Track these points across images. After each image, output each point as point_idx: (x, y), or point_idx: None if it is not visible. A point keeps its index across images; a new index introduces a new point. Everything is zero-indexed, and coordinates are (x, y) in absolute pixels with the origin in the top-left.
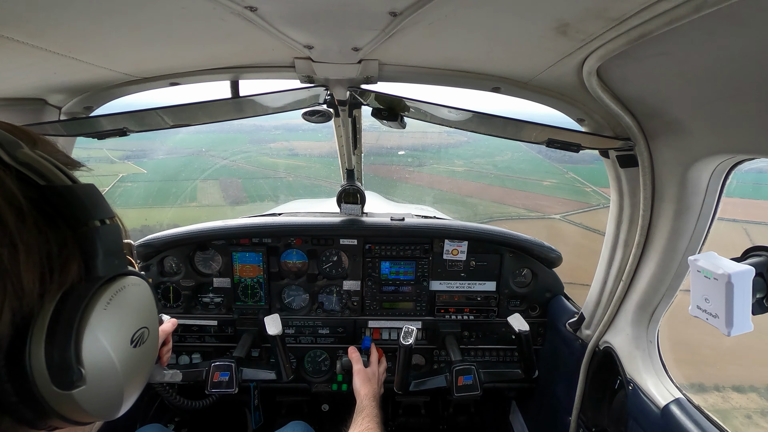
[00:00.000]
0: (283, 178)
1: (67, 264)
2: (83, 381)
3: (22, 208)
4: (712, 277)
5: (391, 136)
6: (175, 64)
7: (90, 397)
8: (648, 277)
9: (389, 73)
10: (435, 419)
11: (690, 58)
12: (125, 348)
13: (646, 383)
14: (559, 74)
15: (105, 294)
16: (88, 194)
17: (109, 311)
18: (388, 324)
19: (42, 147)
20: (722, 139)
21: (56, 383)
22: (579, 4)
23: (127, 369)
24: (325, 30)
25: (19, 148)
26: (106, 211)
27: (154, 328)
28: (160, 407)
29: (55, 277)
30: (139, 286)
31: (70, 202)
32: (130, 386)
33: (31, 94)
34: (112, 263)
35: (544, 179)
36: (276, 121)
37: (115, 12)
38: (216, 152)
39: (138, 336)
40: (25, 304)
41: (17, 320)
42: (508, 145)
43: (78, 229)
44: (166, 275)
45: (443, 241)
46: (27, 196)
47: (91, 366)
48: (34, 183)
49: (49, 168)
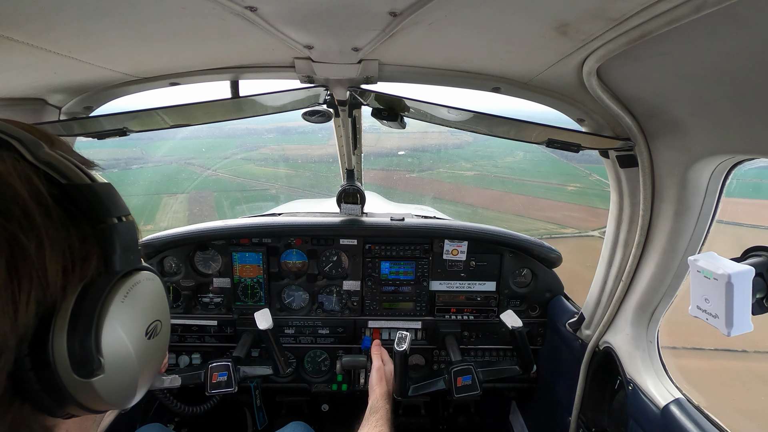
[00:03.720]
0: (267, 190)
1: (88, 258)
2: (102, 370)
3: (48, 204)
4: (712, 278)
5: (390, 137)
6: (175, 64)
7: (108, 386)
8: (648, 277)
9: (389, 73)
10: (435, 419)
11: (690, 58)
12: (141, 339)
13: (645, 383)
14: (559, 74)
15: (123, 287)
16: (107, 192)
17: (127, 304)
18: (388, 324)
19: (59, 146)
20: (722, 139)
21: (77, 371)
22: (579, 4)
23: (142, 359)
24: (325, 30)
25: (41, 147)
26: (122, 209)
27: (166, 321)
28: (160, 407)
29: (76, 270)
30: (152, 280)
31: (90, 200)
32: (143, 376)
33: (31, 94)
34: (129, 258)
35: (567, 183)
36: (270, 124)
37: (115, 12)
38: (200, 161)
39: (152, 328)
40: (49, 295)
41: (41, 311)
42: (518, 145)
43: (97, 226)
44: (166, 275)
45: (443, 241)
46: (51, 194)
47: (109, 355)
48: (56, 181)
49: (70, 167)
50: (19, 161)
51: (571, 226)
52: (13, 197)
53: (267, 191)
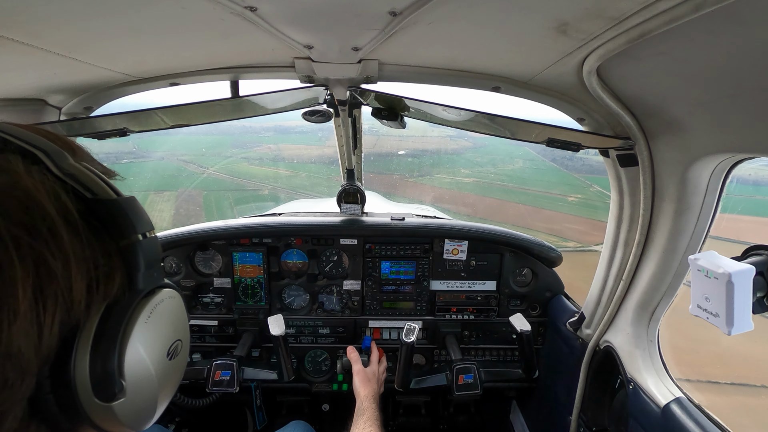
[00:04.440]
0: (258, 191)
1: (111, 276)
2: (123, 393)
3: (76, 222)
4: (713, 277)
5: (390, 140)
6: (175, 64)
7: (128, 410)
8: (648, 276)
9: (389, 72)
10: (435, 419)
11: (690, 58)
12: (162, 360)
13: (646, 382)
14: (559, 73)
15: (147, 307)
16: (132, 207)
17: (150, 324)
18: (389, 324)
19: (81, 156)
20: (722, 138)
21: (98, 395)
22: (579, 4)
23: (162, 381)
24: (325, 30)
25: (66, 159)
26: (147, 224)
27: (186, 340)
28: None
29: (100, 289)
30: (174, 298)
31: (115, 216)
32: (162, 398)
33: (31, 94)
34: (152, 276)
35: (567, 194)
36: (267, 123)
37: (115, 12)
38: (193, 158)
39: (173, 348)
40: (72, 316)
41: (64, 331)
42: (518, 152)
43: (121, 242)
44: (166, 275)
45: (443, 240)
46: (77, 210)
47: (131, 378)
48: (82, 195)
49: (95, 180)
50: (47, 175)
51: (573, 239)
52: (42, 216)
53: (259, 192)
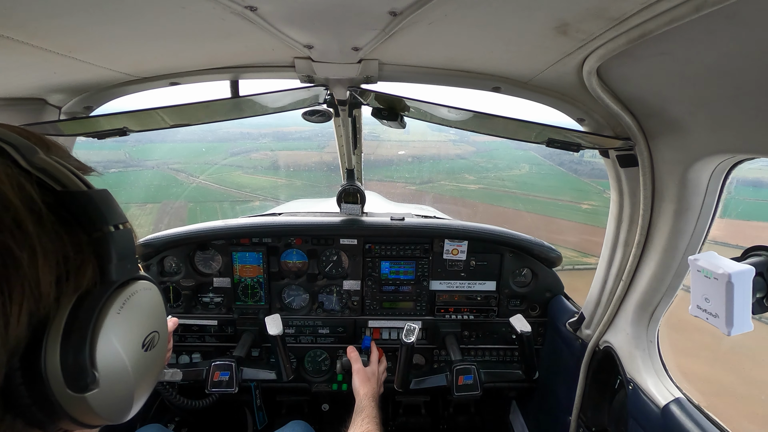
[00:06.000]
0: (250, 201)
1: (83, 268)
2: (96, 384)
3: (41, 213)
4: (712, 277)
5: (390, 145)
6: (175, 64)
7: (102, 400)
8: (648, 276)
9: (389, 72)
10: (435, 419)
11: (690, 58)
12: (137, 352)
13: (646, 383)
14: (559, 74)
15: (119, 298)
16: (103, 200)
17: (123, 315)
18: (388, 324)
19: (55, 152)
20: (722, 139)
21: (70, 386)
22: (579, 4)
23: (138, 373)
24: (325, 30)
25: (36, 153)
26: (119, 217)
27: (163, 331)
28: (160, 407)
29: (70, 280)
30: (150, 290)
31: (85, 208)
32: (140, 390)
33: (31, 94)
34: (125, 267)
35: (580, 201)
36: (265, 128)
37: (115, 11)
38: (183, 166)
39: (149, 340)
40: (41, 307)
41: (34, 323)
42: (523, 157)
43: (93, 234)
44: (166, 275)
45: (443, 240)
46: (45, 201)
47: (104, 369)
48: (51, 188)
49: (65, 173)
50: (12, 168)
51: (593, 253)
52: (5, 206)
53: (250, 203)
